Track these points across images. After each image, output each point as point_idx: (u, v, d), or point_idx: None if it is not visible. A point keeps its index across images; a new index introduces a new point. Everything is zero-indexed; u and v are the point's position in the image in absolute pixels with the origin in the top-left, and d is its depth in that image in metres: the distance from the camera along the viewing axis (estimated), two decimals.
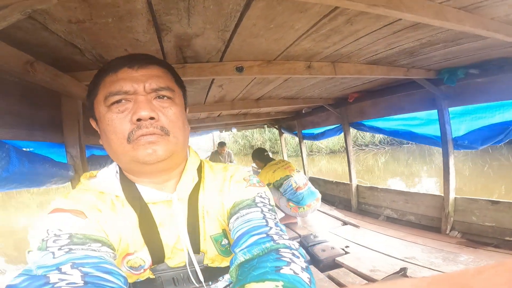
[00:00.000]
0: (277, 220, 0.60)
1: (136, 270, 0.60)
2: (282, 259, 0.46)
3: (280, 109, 3.95)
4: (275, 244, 0.50)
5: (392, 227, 2.63)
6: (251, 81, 2.02)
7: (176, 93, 0.58)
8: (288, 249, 0.50)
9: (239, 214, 0.59)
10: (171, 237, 0.62)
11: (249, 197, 0.63)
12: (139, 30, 0.93)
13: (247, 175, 0.71)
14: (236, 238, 0.54)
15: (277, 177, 2.91)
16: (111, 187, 0.61)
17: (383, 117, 2.96)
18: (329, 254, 2.06)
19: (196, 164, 0.69)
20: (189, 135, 0.68)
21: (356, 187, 3.38)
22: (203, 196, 0.66)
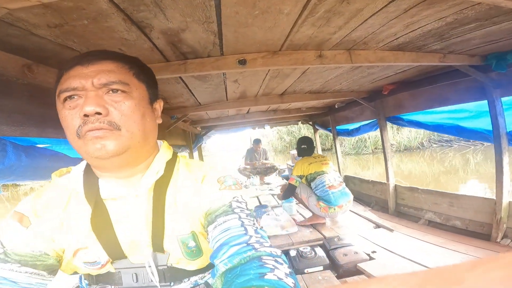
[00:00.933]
0: (257, 226, 0.59)
1: (93, 265, 0.61)
2: (265, 265, 0.46)
3: (311, 104, 3.81)
4: (257, 252, 0.50)
5: (433, 233, 2.34)
6: (266, 75, 1.97)
7: (132, 86, 0.57)
8: (270, 256, 0.50)
9: (217, 222, 0.59)
10: (129, 234, 0.61)
11: (225, 203, 0.62)
12: (121, 29, 0.94)
13: (221, 176, 0.68)
14: (215, 248, 0.54)
15: (312, 171, 2.82)
16: (74, 183, 0.63)
17: (424, 110, 2.65)
18: (351, 259, 1.91)
19: (166, 159, 0.68)
20: (156, 131, 0.67)
21: (394, 187, 3.10)
22: (173, 193, 0.65)
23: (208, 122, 4.01)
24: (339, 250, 2.05)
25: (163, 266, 0.62)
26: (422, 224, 2.62)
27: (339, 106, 3.80)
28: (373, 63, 1.60)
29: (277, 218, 2.82)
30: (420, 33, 1.35)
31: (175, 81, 1.81)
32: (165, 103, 2.47)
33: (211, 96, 2.48)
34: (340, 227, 2.72)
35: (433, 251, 1.97)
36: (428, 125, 2.65)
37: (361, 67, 2.01)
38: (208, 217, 0.61)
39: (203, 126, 4.59)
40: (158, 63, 1.40)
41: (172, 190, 0.65)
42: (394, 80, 2.63)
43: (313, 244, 2.37)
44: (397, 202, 3.07)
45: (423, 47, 1.61)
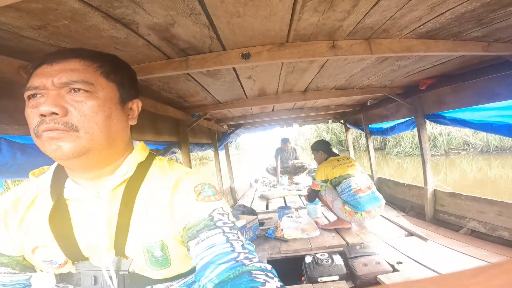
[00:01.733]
0: (243, 240, 0.57)
1: (50, 264, 0.61)
2: (256, 280, 0.46)
3: (340, 101, 3.58)
4: (246, 267, 0.49)
5: (475, 244, 2.04)
6: (280, 70, 1.86)
7: (98, 86, 0.55)
8: (260, 271, 0.49)
9: (199, 238, 0.56)
10: (90, 236, 0.60)
11: (205, 216, 0.58)
12: (106, 28, 0.93)
13: (199, 185, 0.64)
14: (200, 267, 0.52)
15: (336, 174, 2.65)
16: (44, 181, 0.63)
17: (469, 107, 2.32)
18: (371, 270, 1.73)
19: (137, 161, 0.64)
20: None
21: (433, 192, 2.77)
22: (144, 198, 0.62)
23: (233, 120, 3.99)
24: (359, 259, 1.88)
25: (124, 272, 0.60)
26: (464, 233, 2.30)
27: (372, 103, 3.52)
28: (398, 53, 1.41)
29: (297, 221, 2.70)
30: (451, 17, 1.14)
31: (185, 78, 1.79)
32: (184, 101, 2.49)
33: (228, 94, 2.44)
34: (367, 234, 2.51)
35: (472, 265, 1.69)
36: (474, 123, 2.31)
37: (388, 59, 1.80)
38: (188, 232, 0.58)
39: (229, 125, 4.59)
40: (159, 61, 1.39)
41: (143, 194, 0.62)
42: (432, 74, 2.34)
43: (333, 250, 2.22)
44: (435, 209, 2.74)
45: (461, 35, 1.38)
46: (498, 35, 1.40)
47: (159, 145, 2.36)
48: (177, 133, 2.75)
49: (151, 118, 2.23)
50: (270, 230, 2.75)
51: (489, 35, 1.39)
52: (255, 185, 5.90)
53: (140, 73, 1.42)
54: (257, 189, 5.49)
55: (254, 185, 6.00)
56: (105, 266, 0.59)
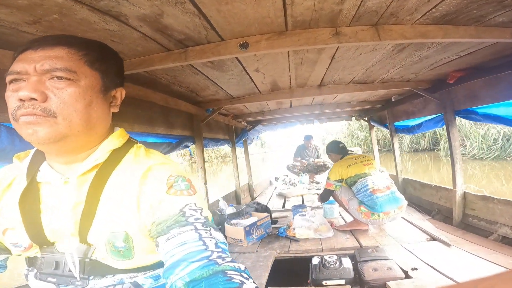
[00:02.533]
0: (215, 238, 0.55)
1: (16, 246, 0.61)
2: (233, 280, 0.45)
3: (362, 97, 3.40)
4: (220, 266, 0.48)
5: (504, 251, 1.82)
6: (288, 62, 1.79)
7: (81, 74, 0.55)
8: (235, 271, 0.48)
9: (170, 234, 0.54)
10: (56, 220, 0.60)
11: (176, 211, 0.56)
12: (96, 20, 0.95)
13: (171, 176, 0.60)
14: (170, 264, 0.50)
15: (351, 173, 2.52)
16: (23, 165, 0.64)
17: (505, 102, 2.07)
18: (381, 275, 1.60)
19: (111, 147, 0.63)
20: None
21: (462, 195, 2.52)
22: (114, 185, 0.60)
23: (250, 116, 3.95)
24: (370, 264, 1.75)
25: (86, 259, 0.59)
26: (494, 240, 2.07)
27: (397, 99, 3.29)
28: (411, 40, 1.28)
29: (310, 220, 2.60)
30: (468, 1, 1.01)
31: (191, 72, 1.79)
32: (196, 96, 2.51)
33: (240, 88, 2.41)
34: (384, 236, 2.35)
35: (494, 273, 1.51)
36: (510, 120, 2.06)
37: (407, 49, 1.66)
38: (157, 227, 0.56)
39: (248, 121, 4.57)
40: (159, 53, 1.40)
41: (113, 182, 0.60)
42: (461, 66, 2.12)
43: (344, 253, 2.10)
44: (464, 213, 2.49)
45: (483, 20, 1.22)
46: None
47: (171, 138, 2.39)
48: (191, 127, 2.78)
49: (162, 112, 2.26)
50: (282, 229, 2.68)
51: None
52: (275, 183, 5.83)
53: (141, 66, 1.45)
54: (276, 187, 5.42)
55: (274, 183, 5.94)
56: (68, 252, 0.59)
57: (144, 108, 2.00)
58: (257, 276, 1.87)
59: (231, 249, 2.43)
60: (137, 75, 1.69)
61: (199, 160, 2.82)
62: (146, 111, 2.03)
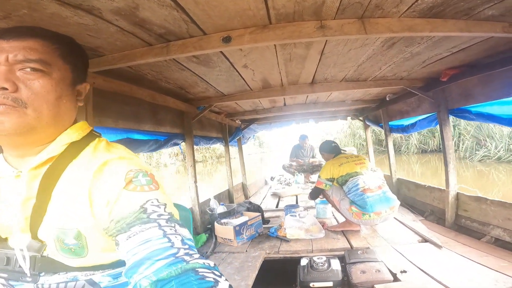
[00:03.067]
0: (182, 235, 0.52)
1: None
2: (206, 278, 0.43)
3: (356, 96, 3.36)
4: (189, 264, 0.45)
5: (496, 253, 1.78)
6: (276, 58, 1.75)
7: (54, 67, 0.55)
8: (206, 269, 0.45)
9: (130, 232, 0.50)
10: (8, 216, 0.58)
11: (135, 208, 0.52)
12: (69, 15, 0.94)
13: (131, 171, 0.57)
14: (133, 263, 0.47)
15: (343, 172, 2.48)
16: None
17: (498, 100, 2.03)
18: (369, 278, 1.56)
19: (68, 140, 0.60)
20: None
21: (455, 196, 2.48)
22: (69, 180, 0.57)
23: (244, 115, 3.91)
24: (358, 265, 1.71)
25: (38, 255, 0.57)
26: (486, 241, 2.03)
27: (391, 98, 3.25)
28: (398, 34, 1.25)
29: (301, 220, 2.56)
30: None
31: (177, 67, 1.75)
32: (186, 93, 2.47)
33: (230, 85, 2.37)
34: (375, 238, 2.31)
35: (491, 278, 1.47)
36: (503, 119, 2.02)
37: (397, 44, 1.63)
38: (116, 225, 0.53)
39: (242, 120, 4.52)
40: (141, 48, 1.37)
41: (67, 176, 0.57)
42: (455, 63, 2.09)
43: (334, 254, 2.06)
44: (457, 214, 2.45)
45: (472, 13, 1.19)
46: None
47: (159, 135, 2.34)
48: (181, 124, 2.74)
49: (150, 108, 2.22)
50: (273, 229, 2.64)
51: (507, 14, 1.19)
52: (270, 183, 5.79)
53: (123, 61, 1.42)
54: (271, 186, 5.38)
55: (269, 182, 5.90)
56: (19, 248, 0.56)
57: (130, 104, 1.96)
58: (244, 277, 1.83)
59: (220, 249, 2.38)
60: (120, 70, 1.65)
61: (189, 158, 2.77)
62: (131, 107, 1.98)
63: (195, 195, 2.78)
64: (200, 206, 2.85)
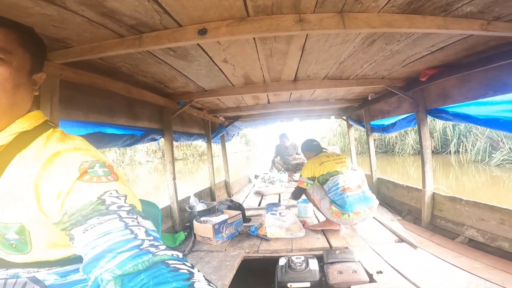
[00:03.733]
0: (145, 226, 0.49)
1: None
2: (180, 271, 0.41)
3: (339, 95, 3.37)
4: (156, 256, 0.43)
5: (469, 254, 1.81)
6: (257, 53, 1.71)
7: (14, 55, 0.55)
8: (177, 260, 0.43)
9: (87, 225, 0.47)
10: None
11: (92, 199, 0.49)
12: (29, 5, 0.92)
13: (86, 162, 0.54)
14: (91, 257, 0.44)
15: (323, 171, 2.46)
16: None
17: (475, 100, 2.07)
18: (345, 278, 1.55)
19: (18, 129, 0.57)
20: None
21: (431, 196, 2.52)
22: (14, 171, 0.54)
23: (227, 111, 3.84)
24: (336, 266, 1.69)
25: None
26: (460, 242, 2.06)
27: (373, 98, 3.28)
28: (377, 29, 1.23)
29: (281, 219, 2.53)
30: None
31: (154, 61, 1.68)
32: (165, 88, 2.39)
33: (211, 81, 2.30)
34: (354, 237, 2.31)
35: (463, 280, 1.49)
36: (479, 119, 2.06)
37: (377, 42, 1.62)
38: (71, 218, 0.49)
39: (226, 117, 4.46)
40: (112, 39, 1.31)
41: (14, 167, 0.54)
42: (434, 63, 2.11)
43: (314, 253, 2.04)
44: (433, 213, 2.50)
45: (451, 9, 1.18)
46: (497, 12, 1.19)
47: (136, 130, 2.25)
48: (160, 120, 2.65)
49: (126, 102, 2.12)
50: (253, 228, 2.60)
51: (486, 11, 1.18)
52: (254, 181, 5.75)
53: (92, 52, 1.36)
54: (254, 184, 5.35)
55: (253, 180, 5.86)
56: None
57: (103, 97, 1.86)
58: (221, 276, 1.78)
59: (199, 248, 2.32)
60: (92, 62, 1.59)
61: (168, 154, 2.69)
62: (104, 100, 1.89)
63: (174, 192, 2.70)
64: (179, 203, 2.77)
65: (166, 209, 2.72)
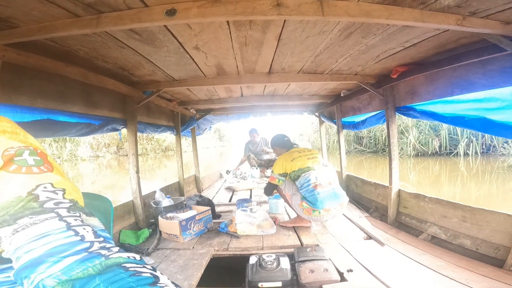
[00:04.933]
0: (92, 225, 0.44)
1: None
2: (143, 275, 0.37)
3: (312, 90, 3.35)
4: (110, 259, 0.38)
5: (433, 252, 1.87)
6: (231, 41, 1.60)
7: None
8: (135, 263, 0.39)
9: (17, 225, 0.40)
10: None
11: (21, 195, 0.42)
12: None
13: (12, 148, 0.45)
14: (28, 261, 0.38)
15: (295, 167, 2.41)
16: None
17: (442, 99, 2.13)
18: (317, 277, 1.51)
19: None
20: None
21: (397, 193, 2.60)
22: None
23: (198, 104, 3.68)
24: (307, 264, 1.65)
25: None
26: (423, 239, 2.13)
27: (345, 94, 3.31)
28: (355, 18, 1.18)
29: (252, 215, 2.46)
30: None
31: (115, 44, 1.53)
32: (130, 75, 2.21)
33: (181, 70, 2.15)
34: (324, 234, 2.30)
35: (428, 277, 1.52)
36: (445, 117, 2.12)
37: (353, 35, 1.59)
38: None
39: (197, 109, 4.28)
40: (67, 19, 1.16)
41: None
42: (405, 60, 2.14)
43: (285, 251, 1.99)
44: (398, 210, 2.57)
45: (429, 1, 1.17)
46: (474, 6, 1.19)
47: (93, 119, 2.04)
48: (123, 109, 2.44)
49: (82, 89, 1.92)
50: (223, 224, 2.50)
51: (464, 5, 1.18)
52: (225, 176, 5.64)
53: (40, 32, 1.22)
54: (226, 180, 5.23)
55: (225, 176, 5.74)
56: None
57: (54, 82, 1.68)
58: (188, 276, 1.66)
59: (164, 245, 2.17)
60: (42, 44, 1.42)
61: (131, 146, 2.49)
62: (56, 86, 1.70)
63: (137, 187, 2.51)
64: (142, 198, 2.59)
65: (129, 205, 2.52)
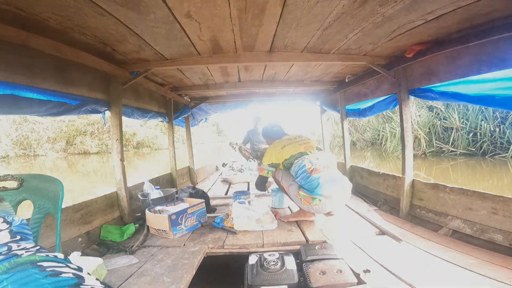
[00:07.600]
0: (13, 221, 0.46)
1: None
2: (63, 275, 0.36)
3: (315, 75, 3.10)
4: (22, 257, 0.36)
5: (459, 248, 1.66)
6: (229, 6, 1.36)
7: None
8: (54, 262, 0.37)
9: None
10: None
11: None
12: None
13: None
14: None
15: (286, 155, 2.20)
16: None
17: (464, 79, 1.89)
18: (330, 280, 1.29)
19: None
20: None
21: (410, 183, 2.37)
22: None
23: (193, 89, 3.41)
24: (317, 264, 1.43)
25: None
26: (444, 234, 1.91)
27: (350, 79, 3.07)
28: None
29: (251, 209, 2.23)
30: None
31: (92, 10, 1.28)
32: (114, 52, 1.96)
33: (172, 45, 1.89)
34: (331, 229, 2.08)
35: (459, 278, 1.30)
36: (471, 97, 1.88)
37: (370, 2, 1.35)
38: None
39: (193, 97, 4.02)
40: None
41: None
42: (423, 38, 1.90)
43: (289, 249, 1.77)
44: (412, 203, 2.35)
45: None
46: None
47: (69, 99, 1.79)
48: (106, 90, 2.18)
49: (54, 63, 1.68)
50: (219, 219, 2.28)
51: None
52: (222, 169, 5.40)
53: None
54: (222, 172, 5.00)
55: (221, 168, 5.50)
56: None
57: (19, 54, 1.45)
58: (176, 278, 1.41)
59: (152, 242, 1.94)
60: (4, 12, 1.20)
61: (115, 131, 2.22)
62: (21, 58, 1.46)
63: (121, 177, 2.25)
64: (128, 190, 2.34)
65: (112, 196, 2.27)
